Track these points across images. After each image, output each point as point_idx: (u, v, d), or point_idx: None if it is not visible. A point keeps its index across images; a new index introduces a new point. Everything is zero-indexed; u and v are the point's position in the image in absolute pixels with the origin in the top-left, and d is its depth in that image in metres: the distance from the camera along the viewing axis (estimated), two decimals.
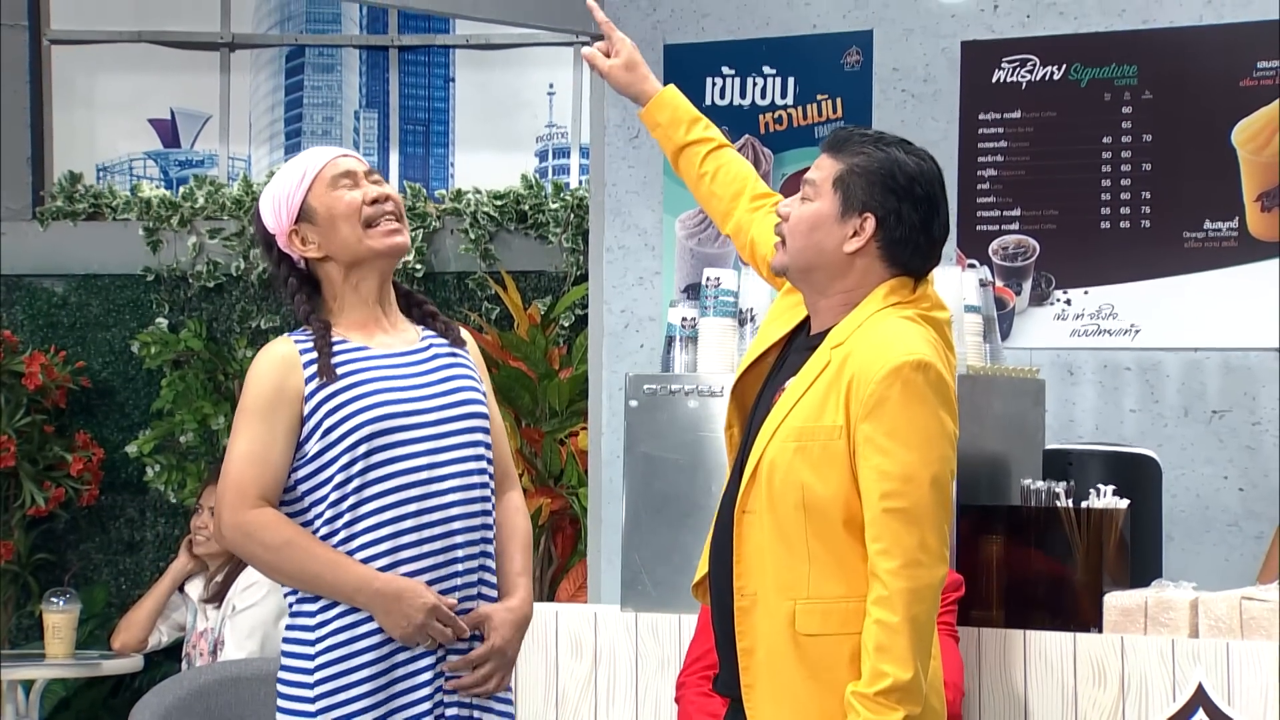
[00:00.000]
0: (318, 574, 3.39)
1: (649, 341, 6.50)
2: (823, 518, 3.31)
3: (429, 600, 3.38)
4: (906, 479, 3.25)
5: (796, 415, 3.35)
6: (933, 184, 3.45)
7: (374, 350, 3.50)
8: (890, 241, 3.40)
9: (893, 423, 3.26)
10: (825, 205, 3.43)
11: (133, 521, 8.30)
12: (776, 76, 6.49)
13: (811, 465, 3.32)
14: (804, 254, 3.44)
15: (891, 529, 3.24)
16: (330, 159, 3.54)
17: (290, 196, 3.51)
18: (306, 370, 3.43)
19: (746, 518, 3.39)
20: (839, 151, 3.45)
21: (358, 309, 3.53)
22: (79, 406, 8.25)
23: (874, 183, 3.41)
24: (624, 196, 6.64)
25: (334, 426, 3.41)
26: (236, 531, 3.42)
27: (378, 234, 3.49)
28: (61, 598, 6.95)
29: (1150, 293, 5.98)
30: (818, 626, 3.31)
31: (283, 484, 3.44)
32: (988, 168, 6.21)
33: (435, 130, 9.09)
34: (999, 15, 6.19)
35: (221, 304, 8.28)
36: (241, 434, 3.43)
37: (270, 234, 3.54)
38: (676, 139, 3.93)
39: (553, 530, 7.56)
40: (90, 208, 8.45)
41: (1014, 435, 4.98)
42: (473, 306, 8.06)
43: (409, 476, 3.43)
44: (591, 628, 4.83)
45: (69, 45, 8.82)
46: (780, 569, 3.34)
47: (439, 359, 3.55)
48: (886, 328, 3.35)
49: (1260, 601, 4.26)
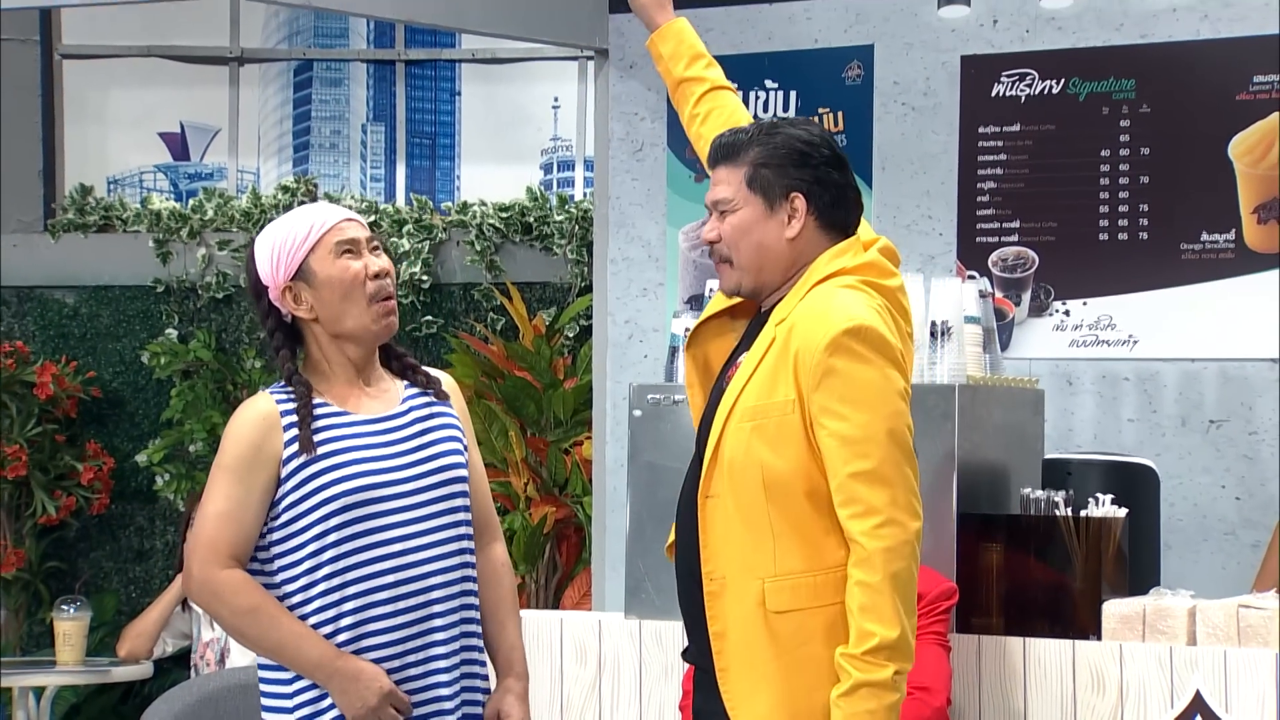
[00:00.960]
0: (280, 644, 3.36)
1: (653, 352, 6.50)
2: (784, 493, 3.31)
3: (385, 685, 3.35)
4: (866, 440, 3.25)
5: (749, 394, 3.36)
6: (830, 142, 3.48)
7: (354, 416, 3.44)
8: (823, 208, 3.43)
9: (843, 389, 3.27)
10: (750, 208, 3.44)
11: (142, 530, 8.29)
12: (779, 90, 6.49)
13: (768, 442, 3.32)
14: (753, 260, 3.44)
15: (860, 491, 3.24)
16: (336, 222, 3.46)
17: (292, 252, 3.44)
18: (286, 434, 3.38)
19: (709, 502, 3.39)
20: (733, 159, 3.46)
21: (340, 371, 3.48)
22: (90, 416, 8.24)
23: (784, 165, 3.42)
24: (628, 209, 6.64)
25: (309, 496, 3.37)
26: (204, 589, 3.39)
27: (377, 314, 3.45)
28: (72, 605, 6.94)
29: (1148, 304, 5.97)
30: (787, 603, 3.30)
31: (254, 542, 3.40)
32: (987, 180, 6.20)
33: (441, 143, 9.08)
34: (998, 30, 6.19)
35: (230, 315, 8.27)
36: (217, 490, 3.39)
37: (263, 284, 3.47)
38: (675, 72, 3.93)
39: (557, 538, 7.55)
40: (101, 220, 8.44)
41: (1013, 445, 4.97)
42: (478, 317, 8.05)
43: (385, 549, 3.39)
44: (596, 635, 4.82)
45: (80, 60, 8.82)
46: (746, 550, 3.34)
47: (419, 422, 3.49)
48: (825, 298, 3.36)
49: (1257, 609, 4.25)
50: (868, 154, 6.32)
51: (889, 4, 6.32)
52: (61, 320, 8.35)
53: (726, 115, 3.84)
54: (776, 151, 3.42)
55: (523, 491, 7.42)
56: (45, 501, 7.93)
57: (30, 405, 7.93)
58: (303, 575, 3.38)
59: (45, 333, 8.33)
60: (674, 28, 3.94)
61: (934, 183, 6.26)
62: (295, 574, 3.39)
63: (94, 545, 8.29)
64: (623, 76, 6.63)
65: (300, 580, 3.38)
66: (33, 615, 8.06)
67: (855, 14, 6.36)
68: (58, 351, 8.25)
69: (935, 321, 4.76)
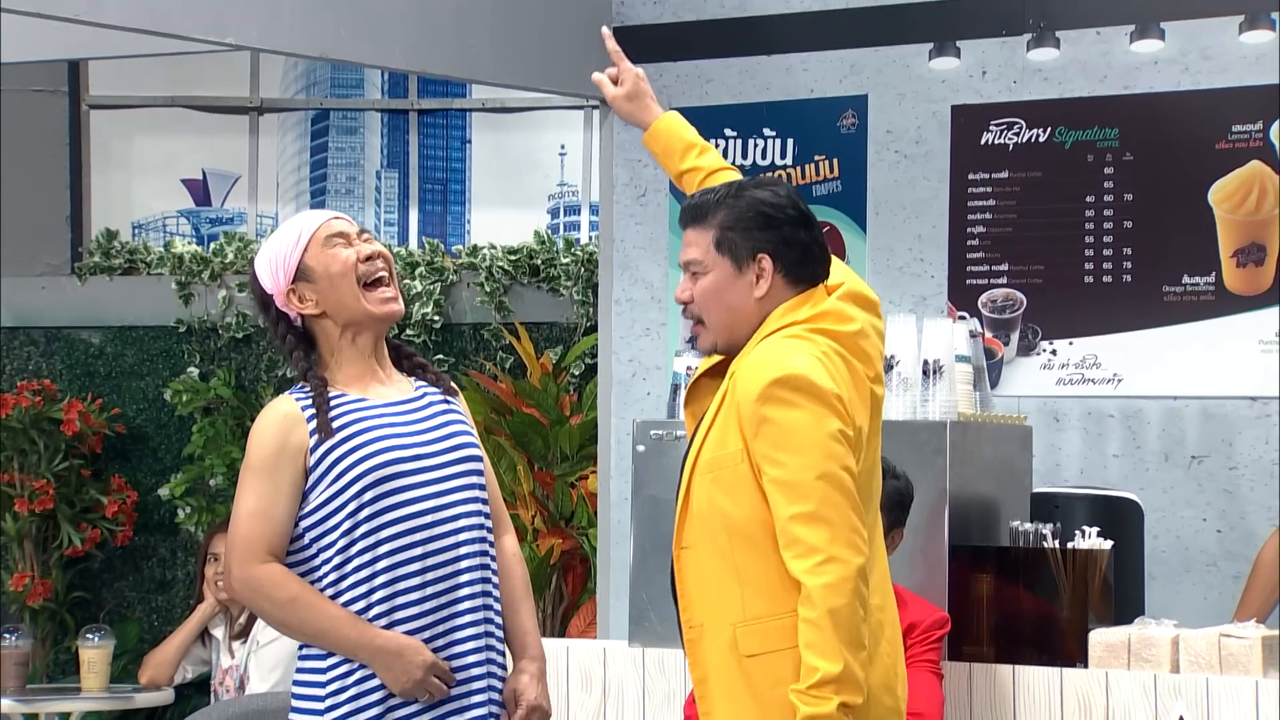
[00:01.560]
0: (323, 630, 3.38)
1: (655, 389, 6.51)
2: (745, 540, 3.33)
3: (428, 658, 3.38)
4: (802, 483, 3.27)
5: (708, 447, 3.39)
6: (796, 201, 3.49)
7: (372, 401, 3.49)
8: (789, 265, 3.44)
9: (777, 436, 3.29)
10: (720, 270, 3.45)
11: (164, 561, 8.30)
12: (776, 138, 6.51)
13: (726, 491, 3.35)
14: (724, 319, 3.46)
15: (800, 532, 3.25)
16: (323, 220, 3.54)
17: (287, 258, 3.50)
18: (309, 425, 3.42)
19: (684, 553, 3.42)
20: (701, 221, 3.47)
21: (354, 363, 3.52)
22: (114, 451, 8.26)
23: (750, 227, 3.44)
24: (631, 252, 6.66)
25: (339, 475, 3.40)
26: (245, 586, 3.42)
27: (376, 299, 3.49)
28: (96, 634, 6.95)
29: (1132, 344, 5.99)
30: (758, 646, 3.32)
31: (288, 537, 3.43)
32: (977, 225, 6.22)
33: (453, 189, 9.10)
34: (987, 81, 6.22)
35: (250, 354, 8.29)
36: (248, 491, 3.42)
37: (268, 294, 3.53)
38: (670, 168, 3.95)
39: (564, 569, 7.55)
40: (126, 263, 8.47)
41: (1003, 479, 4.98)
42: (488, 356, 8.07)
43: (414, 520, 3.42)
44: (601, 662, 4.83)
45: (107, 110, 8.85)
46: (717, 597, 3.36)
47: (434, 406, 3.55)
48: (764, 350, 3.38)
49: (1238, 638, 4.26)
50: (862, 199, 6.35)
51: (882, 56, 6.35)
52: (88, 359, 8.37)
53: None
54: (743, 214, 3.43)
55: (530, 524, 7.43)
56: (71, 534, 7.94)
57: (57, 441, 7.95)
58: (336, 555, 3.40)
59: (72, 371, 8.35)
60: (661, 125, 3.94)
61: (926, 227, 6.28)
62: (330, 555, 3.41)
63: (118, 576, 8.29)
64: (626, 125, 6.63)
65: (335, 559, 3.40)
66: (59, 644, 8.06)
67: (850, 65, 6.39)
68: (84, 389, 8.27)
69: (927, 360, 4.78)
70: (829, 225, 6.36)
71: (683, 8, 6.60)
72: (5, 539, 7.96)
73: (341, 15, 5.84)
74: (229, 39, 5.69)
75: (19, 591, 7.89)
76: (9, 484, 7.90)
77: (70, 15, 5.31)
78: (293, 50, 6.45)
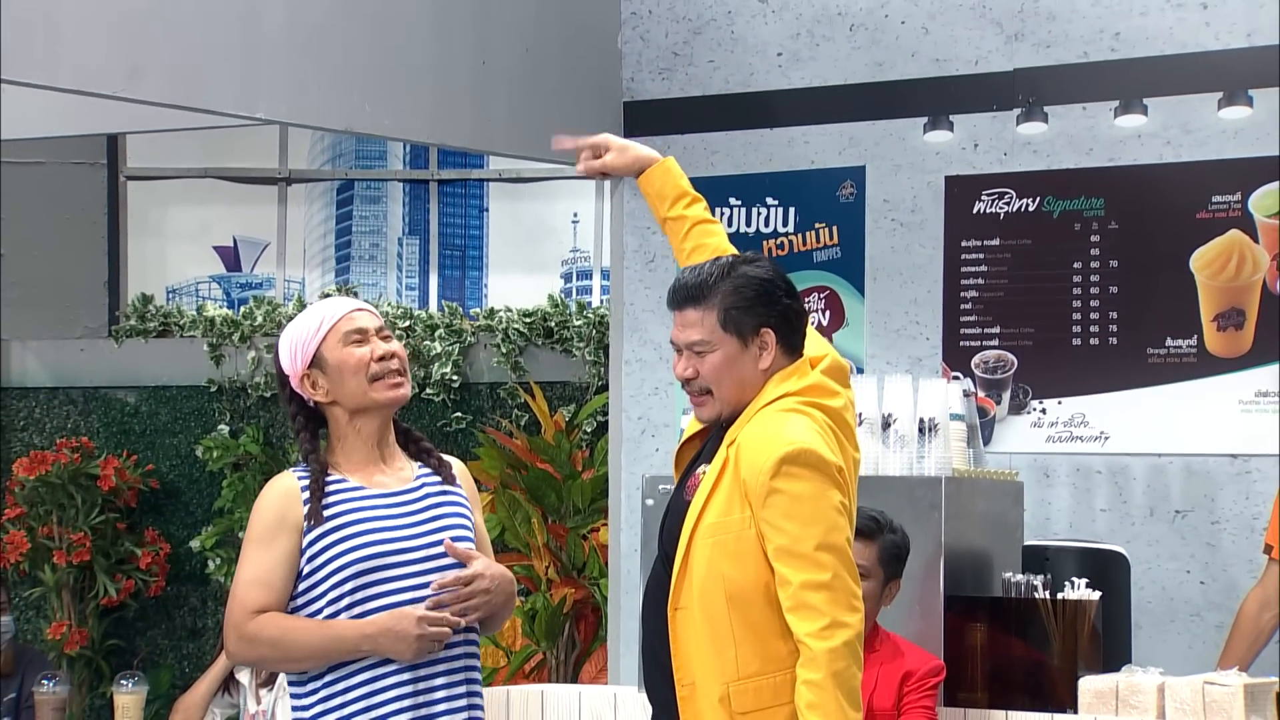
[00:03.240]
0: (321, 647, 3.38)
1: (664, 445, 6.50)
2: (745, 603, 3.33)
3: (415, 613, 3.36)
4: (806, 553, 3.27)
5: (710, 512, 3.38)
6: (782, 272, 3.51)
7: (369, 490, 3.48)
8: (787, 335, 3.46)
9: (787, 507, 3.30)
10: (727, 347, 3.45)
11: (195, 610, 8.28)
12: (779, 207, 6.52)
13: (729, 557, 3.34)
14: (734, 393, 3.47)
15: (808, 598, 3.26)
16: (345, 313, 3.53)
17: (306, 344, 3.50)
18: (305, 507, 3.42)
19: (679, 614, 3.40)
20: (701, 302, 3.47)
21: (359, 449, 3.51)
22: (148, 505, 8.25)
23: (751, 304, 3.45)
24: (640, 314, 6.66)
25: (324, 565, 3.40)
26: (241, 643, 3.42)
27: (382, 387, 3.49)
28: (130, 680, 6.91)
29: (1118, 403, 5.98)
30: (751, 704, 3.31)
31: (285, 600, 3.42)
32: (970, 289, 6.22)
33: (471, 255, 9.13)
34: (979, 153, 6.23)
35: (277, 412, 8.29)
36: (247, 561, 3.43)
37: (285, 374, 3.53)
38: (660, 213, 3.94)
39: (576, 617, 7.53)
40: (160, 326, 8.48)
41: (995, 532, 4.97)
42: (504, 414, 8.07)
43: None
44: (612, 708, 4.81)
45: (143, 181, 8.88)
46: (711, 657, 3.35)
47: (429, 498, 3.52)
48: (770, 422, 3.38)
49: (1221, 686, 4.24)
50: (860, 265, 6.35)
51: (879, 129, 6.36)
52: (123, 418, 8.38)
53: (710, 250, 3.81)
54: (743, 293, 3.45)
55: (544, 574, 7.41)
56: (107, 584, 7.93)
57: (94, 496, 7.95)
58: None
59: (108, 429, 8.35)
60: (659, 169, 3.93)
61: (921, 291, 6.28)
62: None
63: (151, 624, 8.28)
64: (636, 194, 6.63)
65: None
66: (94, 689, 8.04)
67: (849, 138, 6.41)
68: (119, 446, 8.27)
69: (923, 419, 4.77)
70: (829, 289, 6.37)
71: (689, 83, 6.62)
72: (44, 589, 7.95)
73: (366, 91, 5.86)
74: (259, 114, 5.71)
75: (57, 640, 7.88)
76: (48, 537, 7.90)
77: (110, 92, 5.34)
78: (319, 124, 6.47)
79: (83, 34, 5.23)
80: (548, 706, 4.79)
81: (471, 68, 6.14)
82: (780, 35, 6.48)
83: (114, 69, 5.28)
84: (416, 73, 6.01)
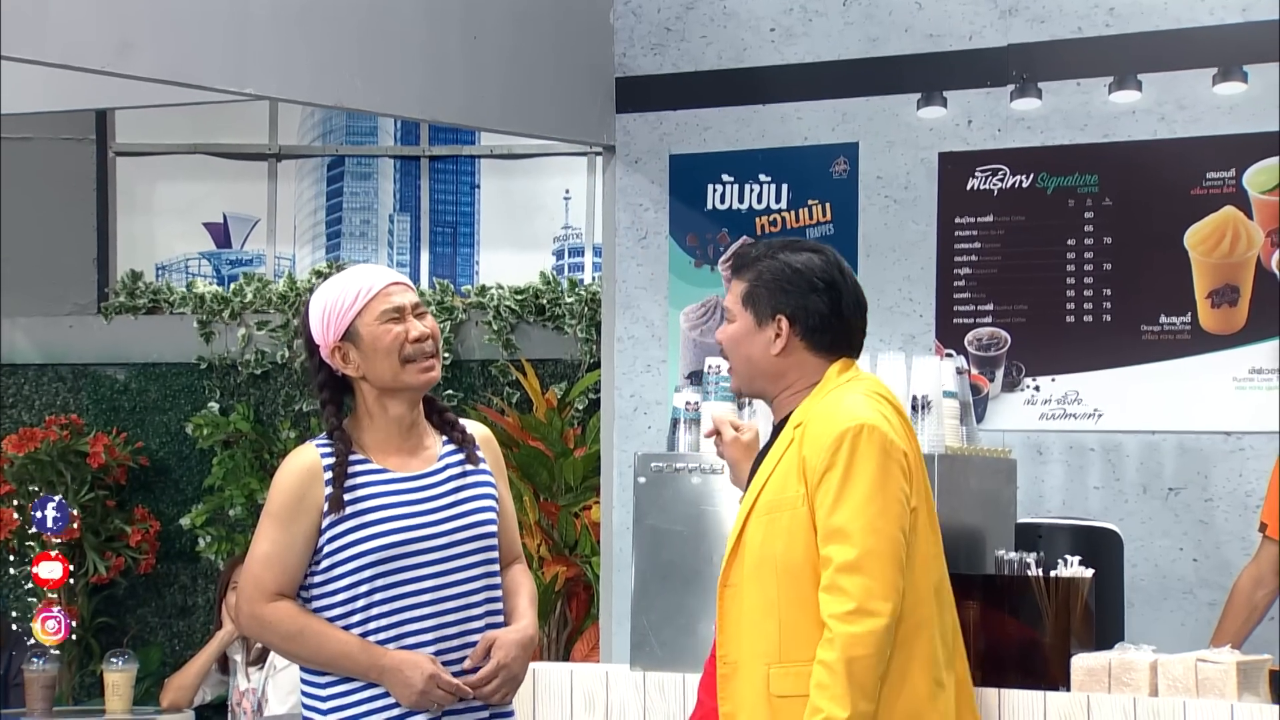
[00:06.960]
0: (331, 659, 3.37)
1: (656, 423, 6.50)
2: (794, 582, 3.30)
3: (428, 669, 3.35)
4: (852, 531, 3.25)
5: (768, 490, 3.37)
6: (828, 271, 3.48)
7: (392, 474, 3.43)
8: (808, 331, 3.45)
9: (841, 483, 3.28)
10: (742, 322, 3.49)
11: (186, 588, 8.29)
12: (771, 183, 6.51)
13: (781, 534, 3.32)
14: (742, 368, 3.49)
15: (840, 579, 3.24)
16: (383, 287, 3.45)
17: (341, 315, 3.41)
18: (328, 489, 3.38)
19: (728, 591, 3.39)
20: (740, 272, 3.52)
21: (384, 428, 3.46)
22: (138, 483, 8.26)
23: (774, 289, 3.46)
24: (633, 292, 6.66)
25: (343, 550, 3.38)
26: (253, 623, 3.41)
27: (414, 370, 3.43)
28: (120, 658, 6.93)
29: (1111, 380, 5.98)
30: (790, 688, 3.28)
31: (300, 579, 3.40)
32: (963, 266, 6.22)
33: (462, 232, 9.11)
34: (973, 129, 6.23)
35: (268, 389, 8.30)
36: (264, 535, 3.40)
37: (314, 342, 3.46)
38: None
39: (567, 596, 7.54)
40: (150, 303, 8.48)
41: (989, 510, 4.97)
42: (495, 391, 8.07)
43: (414, 599, 3.39)
44: (604, 685, 4.82)
45: (132, 157, 8.87)
46: (756, 636, 3.33)
47: (453, 480, 3.49)
48: (835, 399, 3.38)
49: (1214, 663, 4.25)
50: (853, 242, 6.35)
51: (872, 105, 6.36)
52: (113, 395, 8.37)
53: None
54: (771, 275, 3.47)
55: (536, 552, 7.42)
56: (97, 562, 7.93)
57: (83, 473, 7.95)
58: (339, 619, 3.39)
59: (98, 406, 8.35)
60: None
61: (914, 268, 6.28)
62: (333, 615, 3.40)
63: (141, 602, 8.28)
64: (628, 170, 6.67)
65: (339, 623, 3.39)
66: (84, 667, 8.05)
67: (842, 114, 6.40)
68: (109, 424, 8.27)
69: (916, 396, 4.77)
70: None
71: (682, 59, 6.61)
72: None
73: (356, 66, 5.85)
74: (249, 89, 5.70)
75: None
76: None
77: (99, 67, 5.32)
78: (310, 100, 6.46)
79: (72, 8, 5.21)
80: (539, 684, 4.80)
81: (462, 43, 6.12)
82: (773, 10, 6.47)
83: (103, 44, 5.27)
84: (407, 48, 6.00)
